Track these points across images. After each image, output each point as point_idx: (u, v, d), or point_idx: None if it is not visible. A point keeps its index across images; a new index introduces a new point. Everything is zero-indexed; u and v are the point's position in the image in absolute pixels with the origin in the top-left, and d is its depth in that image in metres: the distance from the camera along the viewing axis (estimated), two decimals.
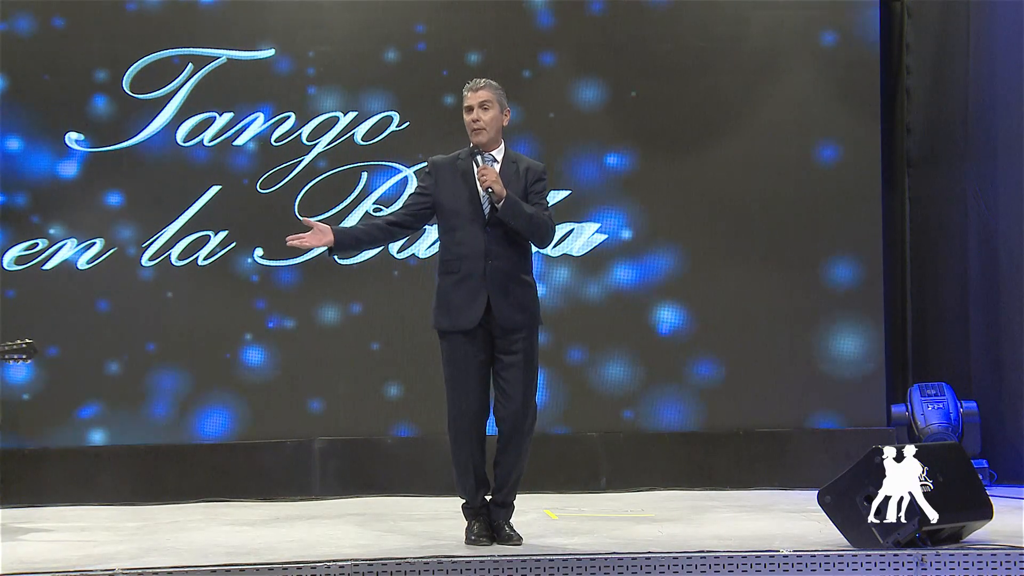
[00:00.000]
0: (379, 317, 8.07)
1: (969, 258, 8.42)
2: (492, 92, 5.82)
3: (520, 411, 5.76)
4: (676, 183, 8.27)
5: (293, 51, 8.09)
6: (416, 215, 5.90)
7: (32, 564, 5.46)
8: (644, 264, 8.24)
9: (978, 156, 8.35)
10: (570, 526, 6.46)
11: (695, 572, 5.24)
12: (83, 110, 7.94)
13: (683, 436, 8.17)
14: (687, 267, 8.24)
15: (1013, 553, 5.30)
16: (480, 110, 5.78)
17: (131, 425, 7.88)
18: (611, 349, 8.18)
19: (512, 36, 8.21)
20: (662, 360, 8.21)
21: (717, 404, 8.21)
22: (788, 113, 8.34)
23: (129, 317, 7.93)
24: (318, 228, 5.74)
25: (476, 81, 5.86)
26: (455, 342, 5.78)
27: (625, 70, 8.26)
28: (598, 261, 8.21)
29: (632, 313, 8.22)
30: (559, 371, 8.11)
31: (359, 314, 8.08)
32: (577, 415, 8.15)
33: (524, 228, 5.74)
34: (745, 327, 8.25)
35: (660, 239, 8.25)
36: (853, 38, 8.39)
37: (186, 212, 7.98)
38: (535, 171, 5.88)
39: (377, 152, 8.12)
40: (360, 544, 5.89)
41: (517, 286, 5.78)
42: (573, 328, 8.16)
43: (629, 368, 8.19)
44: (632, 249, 8.23)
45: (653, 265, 8.24)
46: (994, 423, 8.13)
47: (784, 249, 8.30)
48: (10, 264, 7.87)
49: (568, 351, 8.15)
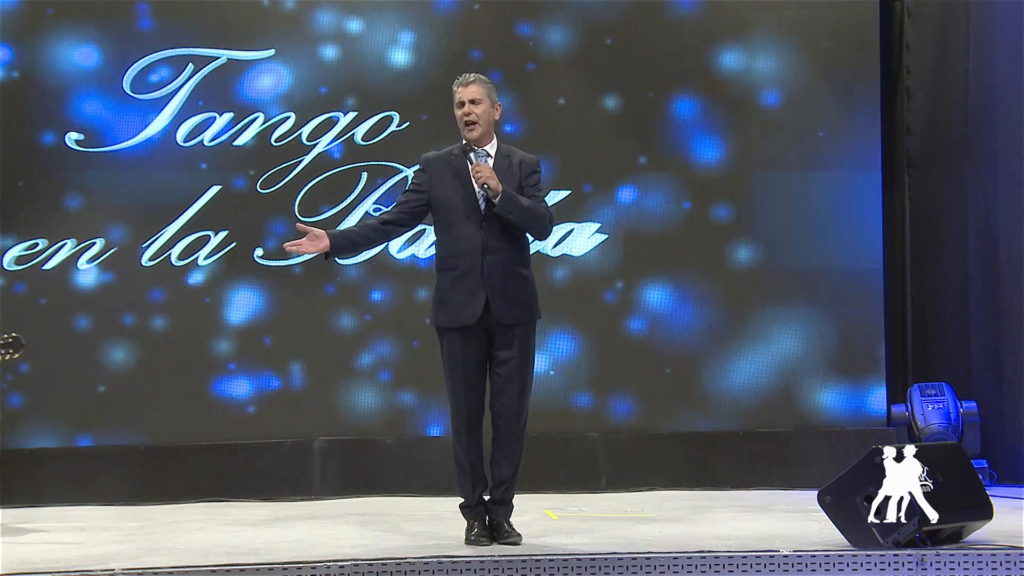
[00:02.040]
0: (379, 317, 8.07)
1: (969, 258, 8.42)
2: (482, 86, 5.81)
3: (516, 407, 5.77)
4: (676, 183, 8.27)
5: (293, 51, 8.09)
6: (411, 212, 5.89)
7: (32, 564, 5.45)
8: (644, 264, 8.23)
9: (978, 156, 8.34)
10: (570, 526, 6.46)
11: (695, 572, 5.23)
12: (83, 110, 7.94)
13: (683, 436, 8.17)
14: (687, 267, 8.24)
15: (1013, 553, 5.30)
16: (471, 105, 5.78)
17: (131, 425, 7.88)
18: (611, 349, 8.18)
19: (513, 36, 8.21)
20: (662, 360, 8.21)
21: (717, 404, 8.21)
22: (788, 113, 8.33)
23: (129, 317, 7.92)
24: (314, 234, 5.73)
25: (465, 76, 5.84)
26: (454, 339, 5.79)
27: (625, 70, 8.25)
28: (598, 261, 8.21)
29: (632, 313, 8.21)
30: (559, 371, 8.10)
31: (359, 314, 8.07)
32: (577, 415, 8.15)
33: (522, 222, 5.74)
34: (745, 327, 8.24)
35: (660, 239, 8.24)
36: (853, 38, 8.38)
37: (186, 212, 7.98)
38: (529, 164, 5.87)
39: (377, 152, 8.12)
40: (360, 544, 5.89)
41: (515, 281, 5.78)
42: (573, 328, 8.16)
43: (629, 368, 8.18)
44: (632, 249, 8.22)
45: (653, 265, 8.23)
46: (994, 423, 8.12)
47: (784, 249, 8.29)
48: (10, 264, 7.86)
49: (568, 351, 8.15)
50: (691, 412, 8.21)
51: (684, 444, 8.16)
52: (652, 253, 8.24)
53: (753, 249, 8.29)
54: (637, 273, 8.23)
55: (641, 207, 8.25)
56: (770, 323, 8.26)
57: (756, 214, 8.30)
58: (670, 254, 8.25)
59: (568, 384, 8.15)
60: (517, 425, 5.80)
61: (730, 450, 8.16)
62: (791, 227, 8.30)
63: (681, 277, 8.25)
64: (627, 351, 8.20)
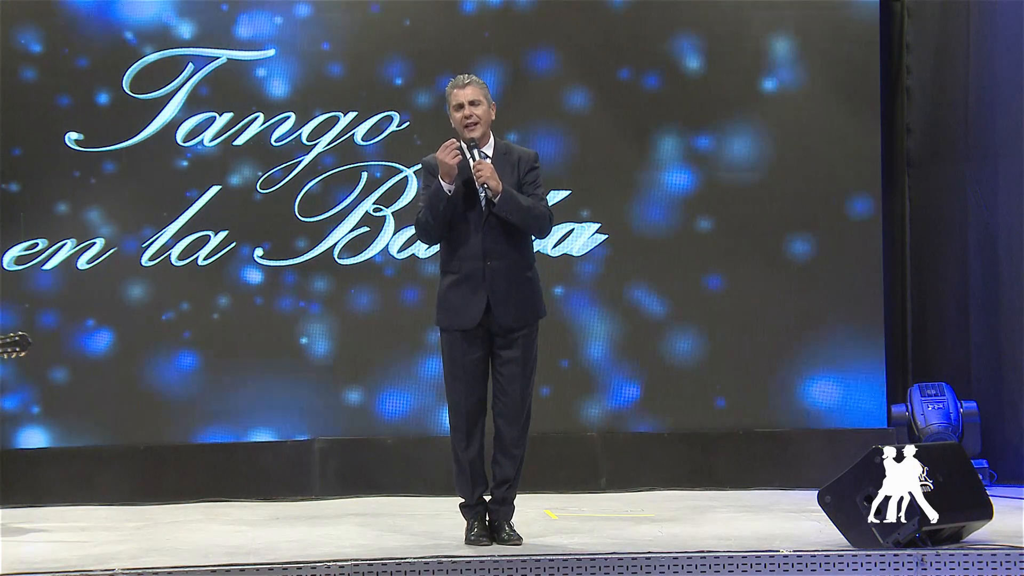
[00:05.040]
0: (380, 317, 8.07)
1: (969, 258, 8.42)
2: (479, 88, 5.81)
3: (518, 408, 5.77)
4: (676, 183, 8.27)
5: (293, 51, 8.09)
6: None
7: (32, 564, 5.46)
8: (644, 264, 8.23)
9: (978, 156, 8.34)
10: (570, 526, 6.46)
11: (695, 572, 5.24)
12: (83, 110, 7.94)
13: (683, 436, 8.16)
14: (687, 267, 8.24)
15: (1013, 553, 5.31)
16: (471, 106, 5.77)
17: (131, 425, 7.88)
18: (611, 349, 8.18)
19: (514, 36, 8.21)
20: (662, 359, 8.20)
21: (717, 404, 8.20)
22: (788, 113, 8.33)
23: (129, 317, 7.92)
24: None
25: (461, 78, 5.83)
26: (454, 338, 5.79)
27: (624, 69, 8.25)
28: (598, 261, 8.20)
29: (632, 313, 8.21)
30: (559, 371, 8.10)
31: (360, 314, 8.07)
32: (577, 415, 8.15)
33: (522, 221, 5.73)
34: (745, 327, 8.24)
35: (660, 239, 8.24)
36: (853, 38, 8.38)
37: (186, 212, 7.98)
38: (527, 160, 5.87)
39: (377, 152, 8.12)
40: (360, 544, 5.89)
41: (518, 283, 5.78)
42: (573, 328, 8.16)
43: (629, 368, 8.18)
44: (633, 249, 8.22)
45: (653, 265, 8.23)
46: (994, 423, 8.12)
47: (784, 248, 8.29)
48: (10, 264, 7.86)
49: (568, 351, 8.14)
50: (691, 412, 8.21)
51: (684, 444, 8.15)
52: (652, 253, 8.23)
53: (752, 247, 8.28)
54: (637, 273, 8.22)
55: (641, 207, 8.24)
56: (770, 323, 8.26)
57: (755, 214, 8.29)
58: (669, 254, 8.24)
59: (568, 384, 8.14)
60: (519, 425, 5.80)
61: (730, 450, 8.16)
62: (791, 227, 8.30)
63: (681, 277, 8.24)
64: (627, 351, 8.19)
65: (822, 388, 8.26)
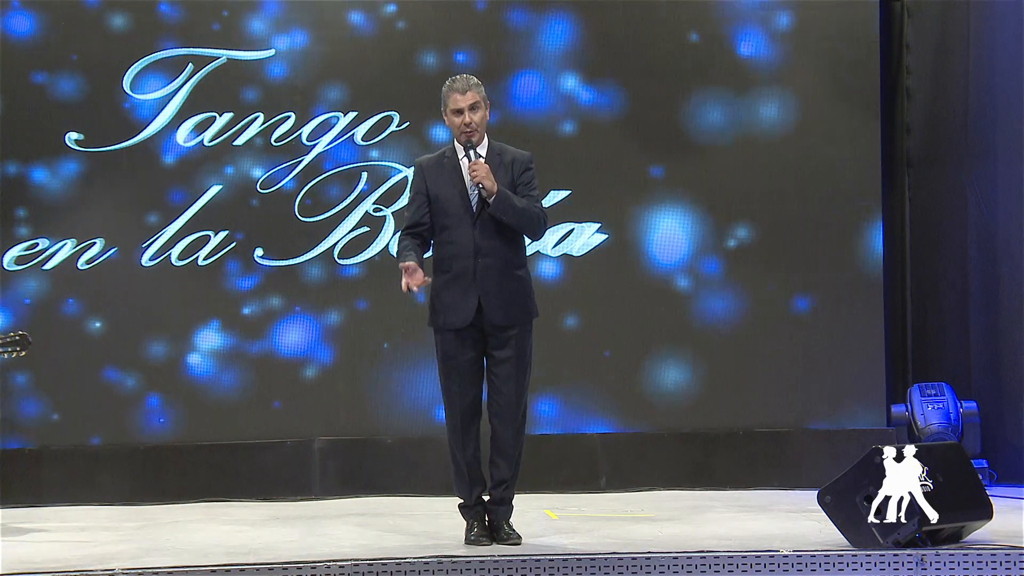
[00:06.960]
0: (379, 317, 8.07)
1: (969, 258, 8.42)
2: (478, 92, 5.80)
3: (513, 408, 5.77)
4: (676, 183, 8.26)
5: (293, 51, 8.09)
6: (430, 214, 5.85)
7: (32, 564, 5.46)
8: (644, 264, 8.23)
9: (978, 156, 8.34)
10: (570, 526, 6.47)
11: (695, 572, 5.24)
12: (83, 110, 7.94)
13: (683, 436, 8.16)
14: (687, 267, 8.24)
15: (1013, 553, 5.31)
16: (471, 112, 5.77)
17: (131, 424, 7.88)
18: (611, 349, 8.18)
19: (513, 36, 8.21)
20: (662, 359, 8.20)
21: (717, 404, 8.20)
22: (788, 113, 8.33)
23: (129, 317, 7.92)
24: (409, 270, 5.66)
25: (460, 82, 5.80)
26: (448, 338, 5.80)
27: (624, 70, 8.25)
28: (598, 261, 8.20)
29: (632, 312, 8.21)
30: (559, 370, 8.10)
31: (359, 314, 8.07)
32: (577, 415, 8.15)
33: (516, 222, 5.74)
34: (745, 326, 8.24)
35: (660, 238, 8.24)
36: (853, 38, 8.38)
37: (186, 212, 7.98)
38: (521, 161, 5.87)
39: (377, 152, 8.12)
40: (360, 544, 5.89)
41: (509, 282, 5.78)
42: (573, 327, 8.16)
43: (629, 367, 8.18)
44: (633, 249, 8.22)
45: (653, 265, 8.23)
46: (994, 423, 8.13)
47: (784, 248, 8.29)
48: (10, 264, 7.86)
49: (567, 351, 8.14)
50: (691, 412, 8.21)
51: (684, 444, 8.16)
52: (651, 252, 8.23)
53: (752, 249, 8.28)
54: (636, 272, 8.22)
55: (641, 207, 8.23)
56: (770, 323, 8.26)
57: (755, 214, 8.29)
58: (669, 254, 8.24)
59: (568, 384, 8.15)
60: (514, 425, 5.80)
61: (730, 450, 8.16)
62: (791, 227, 8.30)
63: (681, 277, 8.24)
64: (627, 350, 8.19)
65: (822, 388, 8.26)
